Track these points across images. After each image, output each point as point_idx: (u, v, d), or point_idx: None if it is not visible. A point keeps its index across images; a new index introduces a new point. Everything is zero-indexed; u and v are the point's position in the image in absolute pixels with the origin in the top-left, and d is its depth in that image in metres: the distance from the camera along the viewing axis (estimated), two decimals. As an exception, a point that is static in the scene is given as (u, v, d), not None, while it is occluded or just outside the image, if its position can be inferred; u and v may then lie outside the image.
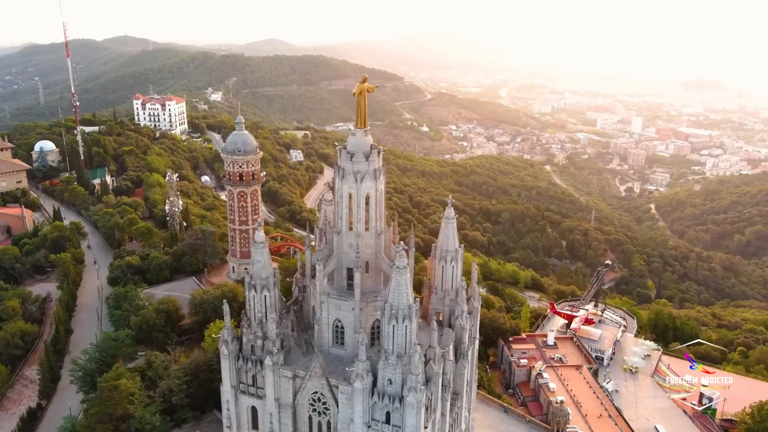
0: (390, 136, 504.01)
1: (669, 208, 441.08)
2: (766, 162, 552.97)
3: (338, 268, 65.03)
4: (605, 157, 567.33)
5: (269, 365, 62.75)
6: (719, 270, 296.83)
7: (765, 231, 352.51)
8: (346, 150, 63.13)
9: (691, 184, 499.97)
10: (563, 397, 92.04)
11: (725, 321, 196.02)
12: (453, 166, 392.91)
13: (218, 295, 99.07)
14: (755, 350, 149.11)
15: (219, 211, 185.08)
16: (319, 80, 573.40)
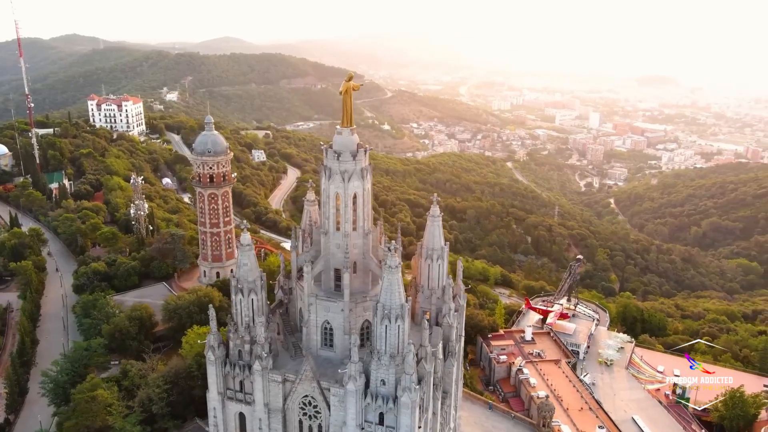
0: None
1: (628, 202, 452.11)
2: (718, 155, 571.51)
3: (325, 269, 64.68)
4: (564, 153, 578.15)
5: (258, 370, 61.99)
6: (679, 262, 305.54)
7: (720, 223, 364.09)
8: (333, 149, 62.71)
9: (648, 178, 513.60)
10: (544, 391, 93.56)
11: (688, 312, 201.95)
12: (416, 164, 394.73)
13: (193, 300, 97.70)
14: (720, 339, 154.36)
15: (184, 213, 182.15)
16: (278, 79, 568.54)
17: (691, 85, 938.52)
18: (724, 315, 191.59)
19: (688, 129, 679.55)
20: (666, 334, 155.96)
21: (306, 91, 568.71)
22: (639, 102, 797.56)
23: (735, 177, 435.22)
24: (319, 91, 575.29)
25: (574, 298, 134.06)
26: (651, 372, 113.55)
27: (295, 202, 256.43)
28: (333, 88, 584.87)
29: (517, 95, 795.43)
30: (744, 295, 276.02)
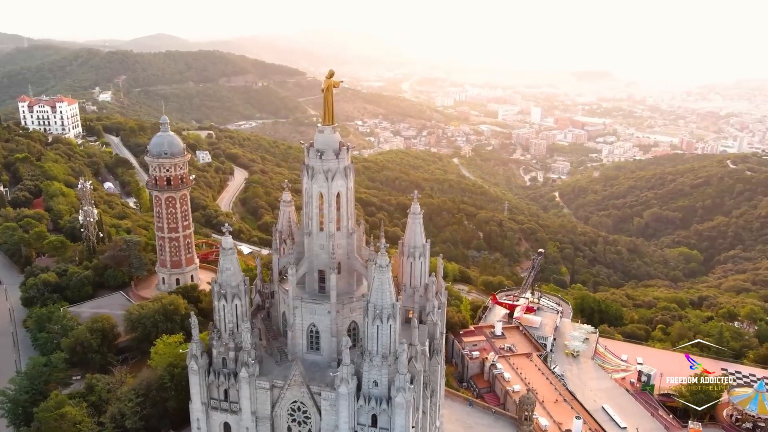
0: (296, 133, 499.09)
1: (572, 195, 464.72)
2: (656, 148, 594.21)
3: (309, 270, 64.18)
4: (509, 148, 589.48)
5: (245, 377, 60.93)
6: (625, 253, 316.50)
7: (661, 213, 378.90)
8: (315, 148, 62.21)
9: (590, 171, 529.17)
10: (519, 385, 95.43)
11: (639, 301, 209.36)
12: (364, 162, 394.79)
13: (158, 309, 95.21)
14: (673, 327, 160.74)
15: (132, 219, 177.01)
16: (217, 77, 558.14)
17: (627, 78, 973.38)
18: (674, 303, 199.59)
19: (626, 122, 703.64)
20: (623, 324, 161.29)
21: (247, 89, 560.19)
22: (578, 96, 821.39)
23: (673, 168, 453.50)
24: (261, 89, 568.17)
25: (537, 291, 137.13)
26: (616, 361, 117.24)
27: (245, 204, 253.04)
28: (274, 86, 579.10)
29: (460, 91, 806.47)
30: (687, 282, 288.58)
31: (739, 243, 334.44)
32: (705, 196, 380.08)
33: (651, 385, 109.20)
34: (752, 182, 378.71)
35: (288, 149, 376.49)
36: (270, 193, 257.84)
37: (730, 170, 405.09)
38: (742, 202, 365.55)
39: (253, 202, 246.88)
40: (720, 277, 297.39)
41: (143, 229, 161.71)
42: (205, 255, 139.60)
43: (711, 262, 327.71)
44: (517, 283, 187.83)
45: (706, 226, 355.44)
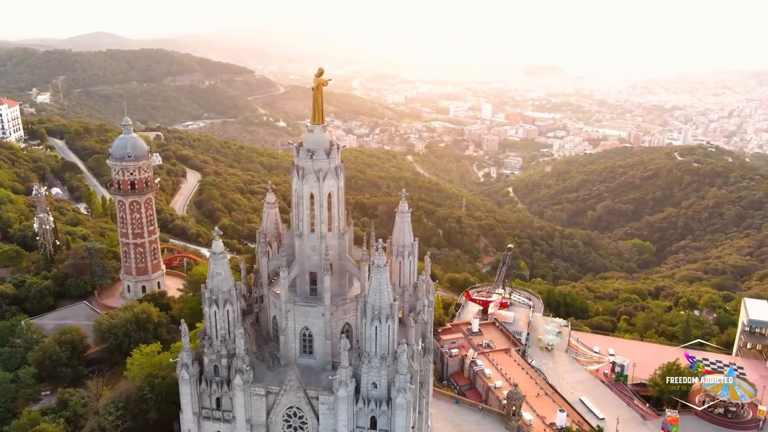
0: (246, 133, 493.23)
1: (526, 190, 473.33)
2: (604, 141, 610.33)
3: (300, 273, 63.73)
4: (461, 144, 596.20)
5: (239, 384, 60.12)
6: (581, 246, 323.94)
7: (614, 206, 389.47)
8: (305, 147, 61.74)
9: (542, 165, 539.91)
10: (501, 381, 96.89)
11: (600, 293, 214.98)
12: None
13: (129, 318, 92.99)
14: (637, 317, 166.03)
15: (84, 225, 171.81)
16: (162, 76, 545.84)
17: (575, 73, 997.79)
18: (635, 294, 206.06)
19: (575, 116, 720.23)
20: (589, 316, 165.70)
21: (193, 88, 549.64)
22: (527, 92, 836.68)
23: (623, 161, 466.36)
24: (208, 88, 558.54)
25: (508, 287, 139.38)
26: (589, 353, 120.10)
27: (200, 207, 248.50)
28: (222, 84, 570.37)
29: (411, 88, 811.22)
30: (642, 273, 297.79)
31: (689, 233, 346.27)
32: (655, 188, 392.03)
33: (624, 375, 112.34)
34: (699, 174, 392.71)
35: (240, 149, 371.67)
36: (226, 195, 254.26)
37: (678, 162, 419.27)
38: (690, 193, 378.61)
39: (208, 204, 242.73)
40: (672, 267, 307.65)
41: (99, 235, 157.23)
42: (168, 261, 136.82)
43: (663, 252, 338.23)
44: (481, 279, 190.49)
45: (657, 217, 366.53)
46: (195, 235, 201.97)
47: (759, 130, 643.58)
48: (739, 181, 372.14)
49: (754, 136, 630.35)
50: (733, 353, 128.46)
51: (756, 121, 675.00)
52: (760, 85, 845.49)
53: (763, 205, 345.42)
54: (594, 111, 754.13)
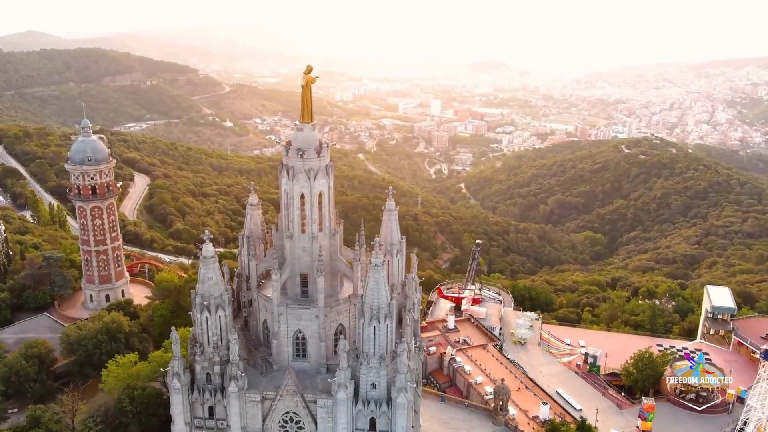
0: (191, 134, 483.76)
1: (478, 186, 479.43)
2: (552, 135, 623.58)
3: (292, 275, 63.17)
4: (412, 142, 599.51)
5: (234, 392, 59.25)
6: (536, 240, 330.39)
7: (565, 199, 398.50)
8: (295, 147, 61.20)
9: (492, 161, 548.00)
10: (481, 377, 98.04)
11: (560, 286, 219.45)
12: (269, 161, 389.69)
13: (99, 329, 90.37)
14: (600, 308, 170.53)
15: (33, 233, 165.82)
16: (101, 76, 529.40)
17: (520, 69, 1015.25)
18: (594, 285, 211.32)
19: (522, 111, 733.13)
20: (553, 309, 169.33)
21: (134, 88, 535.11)
22: (474, 87, 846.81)
23: (571, 155, 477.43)
24: (149, 88, 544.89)
25: (478, 282, 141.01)
26: (561, 346, 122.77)
27: (151, 211, 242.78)
28: (164, 84, 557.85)
29: (358, 85, 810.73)
30: (596, 265, 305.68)
31: (638, 224, 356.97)
32: (604, 181, 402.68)
33: (597, 366, 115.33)
34: (646, 165, 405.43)
35: (188, 151, 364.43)
36: (178, 198, 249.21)
37: (625, 155, 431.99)
38: (638, 185, 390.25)
39: (160, 208, 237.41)
40: (625, 258, 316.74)
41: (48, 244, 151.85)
42: (128, 268, 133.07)
43: (614, 244, 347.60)
44: (443, 276, 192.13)
45: (607, 209, 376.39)
46: (149, 241, 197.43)
47: (699, 121, 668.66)
48: (684, 171, 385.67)
49: (694, 127, 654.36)
50: (697, 339, 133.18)
51: (696, 113, 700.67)
52: (698, 78, 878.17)
53: (708, 195, 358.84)
54: (541, 106, 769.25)
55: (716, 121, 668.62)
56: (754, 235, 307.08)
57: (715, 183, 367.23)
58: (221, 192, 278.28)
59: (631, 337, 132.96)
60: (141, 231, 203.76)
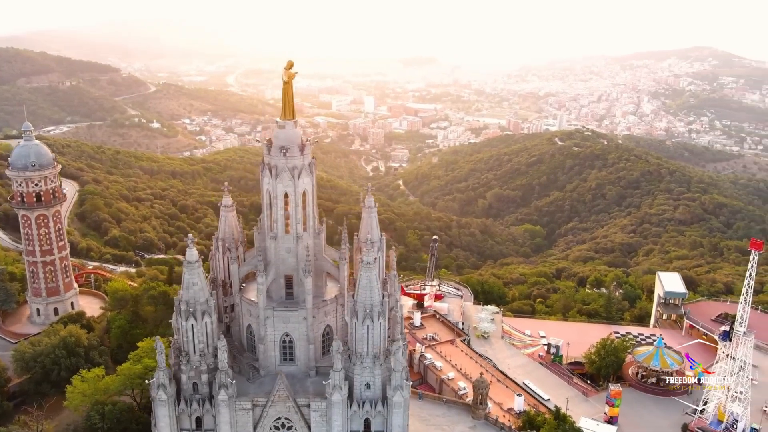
0: (116, 136, 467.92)
1: (416, 182, 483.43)
2: (486, 130, 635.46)
3: (276, 277, 62.43)
4: (347, 139, 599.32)
5: (224, 400, 58.11)
6: (478, 234, 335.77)
7: (503, 193, 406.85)
8: (277, 145, 60.47)
9: (429, 157, 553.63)
10: (453, 372, 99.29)
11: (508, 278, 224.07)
12: (202, 163, 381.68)
13: (56, 343, 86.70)
14: (551, 299, 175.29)
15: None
16: (14, 77, 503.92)
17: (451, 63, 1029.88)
18: (542, 277, 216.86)
19: (455, 106, 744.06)
20: (507, 302, 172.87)
21: (52, 90, 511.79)
22: (407, 83, 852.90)
23: (507, 148, 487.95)
24: (69, 89, 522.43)
25: (436, 278, 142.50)
26: (522, 337, 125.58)
27: (84, 219, 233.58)
28: (85, 85, 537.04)
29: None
30: (537, 257, 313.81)
31: (575, 215, 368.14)
32: (540, 174, 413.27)
33: (560, 355, 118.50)
34: (580, 157, 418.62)
35: (116, 154, 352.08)
36: (111, 204, 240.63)
37: (559, 147, 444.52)
38: (573, 176, 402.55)
39: (93, 215, 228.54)
40: (564, 249, 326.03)
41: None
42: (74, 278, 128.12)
43: (553, 236, 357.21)
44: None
45: (544, 202, 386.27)
46: (85, 250, 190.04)
47: (626, 113, 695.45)
48: (616, 162, 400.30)
49: (622, 118, 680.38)
50: (650, 325, 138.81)
51: (622, 104, 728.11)
52: (623, 70, 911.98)
53: (640, 185, 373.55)
54: (473, 100, 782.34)
55: (642, 112, 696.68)
56: (685, 222, 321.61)
57: (647, 172, 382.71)
58: (156, 196, 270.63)
59: (588, 326, 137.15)
60: (76, 240, 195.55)
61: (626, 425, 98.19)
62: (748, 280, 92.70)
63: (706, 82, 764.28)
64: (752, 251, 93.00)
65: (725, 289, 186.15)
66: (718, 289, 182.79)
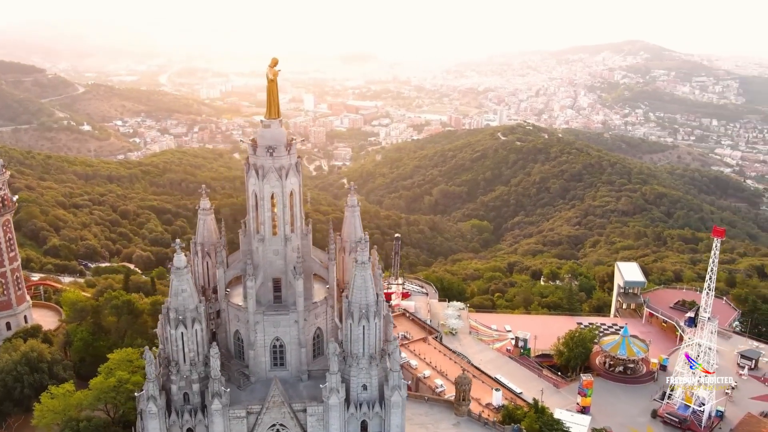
0: (45, 140, 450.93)
1: (361, 180, 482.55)
2: (428, 126, 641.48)
3: (264, 280, 61.61)
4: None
5: (218, 409, 57.00)
6: (427, 231, 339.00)
7: (448, 189, 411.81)
8: (263, 144, 59.65)
9: (372, 155, 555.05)
10: (429, 370, 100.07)
11: (463, 275, 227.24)
12: (140, 166, 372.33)
13: (18, 360, 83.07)
14: (509, 293, 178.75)
15: None
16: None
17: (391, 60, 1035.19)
18: (497, 272, 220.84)
19: (396, 103, 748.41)
20: (466, 298, 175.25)
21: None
22: (346, 80, 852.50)
23: (450, 144, 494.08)
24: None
25: (401, 276, 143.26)
26: (489, 332, 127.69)
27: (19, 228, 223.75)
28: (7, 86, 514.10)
29: (225, 81, 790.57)
30: (486, 252, 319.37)
31: (521, 209, 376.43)
32: (485, 169, 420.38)
33: (528, 348, 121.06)
34: (523, 151, 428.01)
35: (47, 159, 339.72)
36: (47, 212, 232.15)
37: (502, 142, 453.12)
38: (517, 171, 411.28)
39: (29, 224, 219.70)
40: (512, 243, 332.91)
41: None
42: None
43: (500, 230, 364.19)
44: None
45: (490, 197, 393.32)
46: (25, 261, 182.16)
47: (564, 107, 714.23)
48: (559, 156, 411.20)
49: (560, 112, 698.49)
50: (611, 314, 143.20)
51: (560, 98, 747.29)
52: (560, 65, 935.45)
53: (583, 177, 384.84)
54: (413, 97, 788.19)
55: (579, 106, 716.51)
56: (628, 212, 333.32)
57: (588, 165, 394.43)
58: (94, 202, 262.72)
59: (551, 318, 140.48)
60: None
61: (598, 414, 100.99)
62: (712, 266, 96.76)
63: (639, 75, 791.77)
64: (715, 238, 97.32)
65: (675, 277, 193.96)
66: (668, 277, 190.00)
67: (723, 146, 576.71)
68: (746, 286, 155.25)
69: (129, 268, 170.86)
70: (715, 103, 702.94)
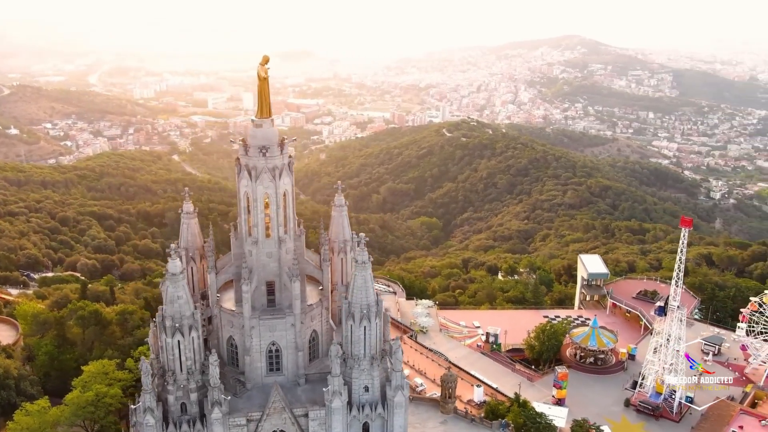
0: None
1: (306, 180, 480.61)
2: (371, 124, 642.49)
3: (257, 284, 60.94)
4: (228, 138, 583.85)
5: (218, 418, 56.12)
6: (378, 230, 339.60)
7: (396, 187, 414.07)
8: (256, 145, 58.98)
9: (316, 153, 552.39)
10: (408, 370, 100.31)
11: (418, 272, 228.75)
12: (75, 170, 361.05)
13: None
14: (470, 289, 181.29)
15: None
16: None
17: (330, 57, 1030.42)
18: (455, 269, 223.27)
19: (337, 101, 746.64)
20: (429, 296, 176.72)
21: None
22: (286, 78, 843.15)
23: (395, 141, 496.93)
24: None
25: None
26: (459, 329, 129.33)
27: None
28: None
29: (159, 80, 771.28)
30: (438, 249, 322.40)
31: (469, 205, 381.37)
32: (431, 166, 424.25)
33: (498, 343, 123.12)
34: (469, 147, 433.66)
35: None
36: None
37: (447, 138, 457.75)
38: (464, 167, 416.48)
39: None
40: (463, 239, 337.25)
41: None
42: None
43: (449, 226, 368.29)
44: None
45: (438, 193, 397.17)
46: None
47: (505, 102, 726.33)
48: (504, 151, 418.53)
49: (501, 108, 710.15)
50: (575, 306, 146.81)
51: (501, 94, 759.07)
52: (499, 60, 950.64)
53: (529, 172, 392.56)
54: (355, 94, 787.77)
55: (520, 101, 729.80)
56: (575, 206, 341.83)
57: (534, 159, 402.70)
58: (30, 209, 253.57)
59: (517, 312, 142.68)
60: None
61: (573, 405, 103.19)
62: (680, 256, 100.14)
63: (577, 69, 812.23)
64: (683, 228, 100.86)
65: (629, 268, 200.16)
66: (622, 268, 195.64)
67: (660, 138, 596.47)
68: (698, 275, 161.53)
69: (77, 277, 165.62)
70: (650, 96, 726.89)
